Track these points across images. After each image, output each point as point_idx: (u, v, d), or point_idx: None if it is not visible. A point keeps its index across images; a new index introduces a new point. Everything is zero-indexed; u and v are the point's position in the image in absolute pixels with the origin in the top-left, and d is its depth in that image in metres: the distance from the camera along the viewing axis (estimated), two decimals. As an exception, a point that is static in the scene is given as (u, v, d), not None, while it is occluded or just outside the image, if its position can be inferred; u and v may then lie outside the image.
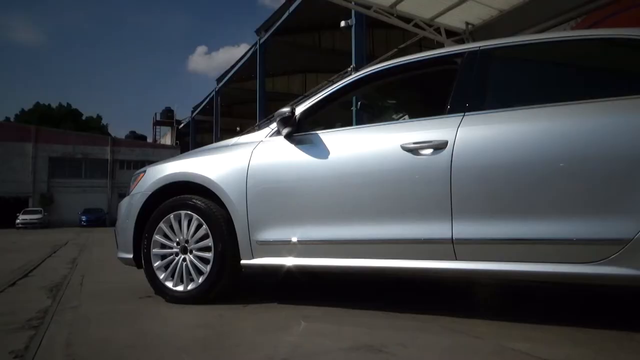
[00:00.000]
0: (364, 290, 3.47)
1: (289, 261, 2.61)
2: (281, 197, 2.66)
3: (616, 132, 2.03)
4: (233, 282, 2.85)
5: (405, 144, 2.37)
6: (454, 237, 2.23)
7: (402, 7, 7.36)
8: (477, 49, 2.52)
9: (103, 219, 33.96)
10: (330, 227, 2.51)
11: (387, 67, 2.76)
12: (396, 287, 3.54)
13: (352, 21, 13.63)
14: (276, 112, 2.73)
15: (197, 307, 2.70)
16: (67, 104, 54.38)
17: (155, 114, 52.33)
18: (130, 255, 3.03)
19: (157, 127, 52.74)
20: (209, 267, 2.73)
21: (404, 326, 2.26)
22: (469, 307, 2.93)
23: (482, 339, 2.02)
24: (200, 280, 2.75)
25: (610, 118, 2.07)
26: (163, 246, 2.90)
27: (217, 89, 30.44)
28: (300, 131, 2.71)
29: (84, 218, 33.80)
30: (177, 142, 45.53)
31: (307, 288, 3.50)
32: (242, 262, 2.71)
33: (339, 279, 3.80)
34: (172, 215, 2.88)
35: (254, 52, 23.50)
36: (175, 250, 2.87)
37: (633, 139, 1.97)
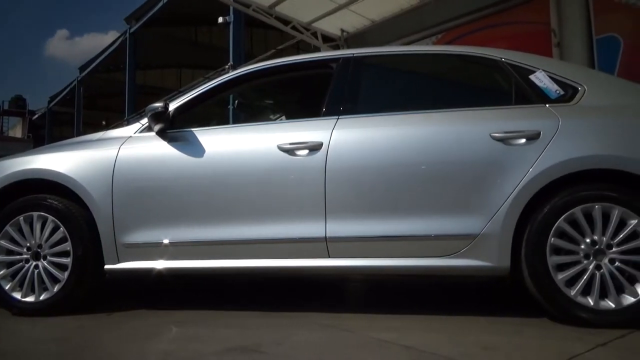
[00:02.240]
0: (239, 291, 3.43)
1: (160, 264, 2.48)
2: (152, 197, 2.52)
3: (468, 139, 2.27)
4: (96, 289, 2.63)
5: (282, 144, 2.40)
6: (327, 235, 2.31)
7: (281, 9, 7.43)
8: (351, 55, 2.65)
9: None
10: (205, 227, 2.44)
11: (265, 67, 2.78)
12: (271, 286, 3.56)
13: (230, 18, 13.40)
14: (148, 107, 2.58)
15: (52, 319, 2.43)
16: None
17: (3, 102, 45.93)
18: (-33, 264, 2.63)
19: (5, 117, 46.45)
20: (66, 273, 2.49)
21: (278, 324, 2.29)
22: (340, 302, 3.07)
23: (351, 331, 2.12)
24: (56, 288, 2.49)
25: (464, 126, 2.31)
26: (10, 252, 2.57)
27: (79, 78, 27.76)
28: (173, 128, 2.60)
29: None
30: (30, 135, 40.47)
31: (179, 292, 3.36)
32: (107, 266, 2.52)
33: (213, 281, 3.71)
34: (21, 217, 2.56)
35: (124, 42, 21.87)
36: (25, 256, 2.56)
37: (483, 146, 2.23)
